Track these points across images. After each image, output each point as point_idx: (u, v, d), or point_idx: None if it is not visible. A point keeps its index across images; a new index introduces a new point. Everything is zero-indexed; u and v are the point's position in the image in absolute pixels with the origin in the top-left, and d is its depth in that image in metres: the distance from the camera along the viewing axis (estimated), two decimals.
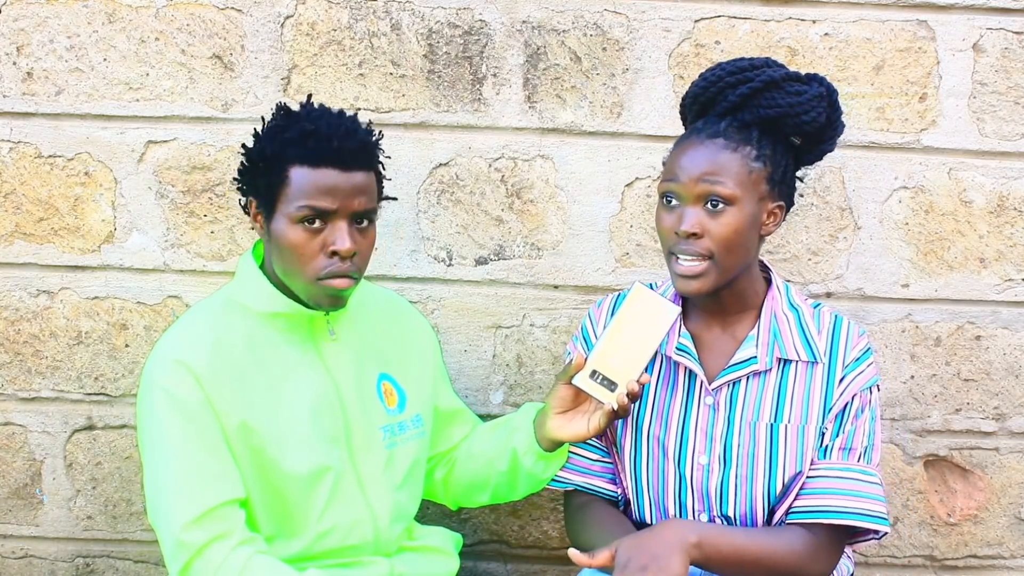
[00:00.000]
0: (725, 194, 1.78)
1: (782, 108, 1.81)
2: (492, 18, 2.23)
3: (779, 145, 1.83)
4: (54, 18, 2.24)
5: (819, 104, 1.83)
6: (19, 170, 2.28)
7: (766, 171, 1.81)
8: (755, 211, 1.81)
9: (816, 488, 1.83)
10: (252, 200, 1.80)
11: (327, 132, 1.74)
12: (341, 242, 1.73)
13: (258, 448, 1.76)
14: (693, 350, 1.89)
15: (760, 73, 1.82)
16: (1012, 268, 2.28)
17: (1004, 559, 2.37)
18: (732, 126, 1.82)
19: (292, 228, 1.73)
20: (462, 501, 2.08)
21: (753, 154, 1.80)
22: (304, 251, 1.74)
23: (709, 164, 1.79)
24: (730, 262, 1.81)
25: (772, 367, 1.86)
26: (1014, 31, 2.22)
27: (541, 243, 2.29)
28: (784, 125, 1.82)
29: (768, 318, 1.89)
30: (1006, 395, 2.32)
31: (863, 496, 1.82)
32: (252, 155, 1.79)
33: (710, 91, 1.85)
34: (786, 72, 1.84)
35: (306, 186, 1.72)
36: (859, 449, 1.84)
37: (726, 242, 1.79)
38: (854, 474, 1.83)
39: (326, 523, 1.82)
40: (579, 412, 1.87)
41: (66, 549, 2.41)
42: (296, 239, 1.73)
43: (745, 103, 1.82)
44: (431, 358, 2.03)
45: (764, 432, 1.85)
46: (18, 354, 2.34)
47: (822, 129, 1.86)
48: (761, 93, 1.81)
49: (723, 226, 1.78)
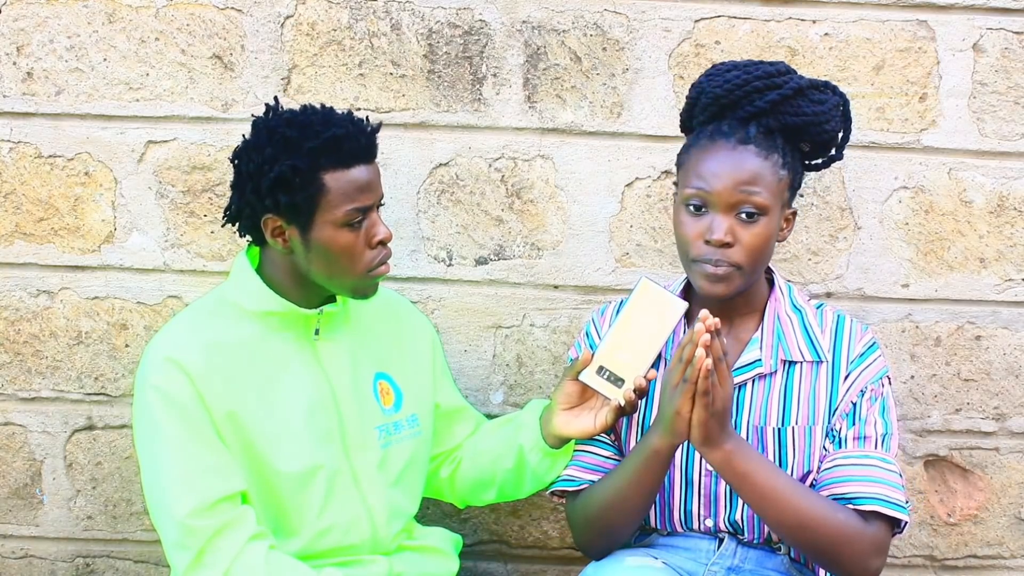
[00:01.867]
0: (760, 203, 1.74)
1: (808, 117, 1.78)
2: (492, 18, 2.23)
3: (796, 152, 1.82)
4: (54, 18, 2.24)
5: (837, 113, 1.83)
6: (19, 170, 2.28)
7: (789, 179, 1.80)
8: (779, 220, 1.80)
9: (829, 478, 1.79)
10: (270, 219, 1.76)
11: (353, 132, 1.75)
12: (384, 232, 1.80)
13: (249, 443, 1.76)
14: None
15: (788, 79, 1.79)
16: (1012, 268, 2.28)
17: (1004, 559, 2.37)
18: (760, 132, 1.78)
19: (340, 232, 1.75)
20: (468, 499, 2.08)
21: (780, 162, 1.78)
22: (355, 251, 1.76)
23: (745, 173, 1.74)
24: (755, 270, 1.79)
25: (777, 369, 1.85)
26: (1014, 31, 2.22)
27: (541, 243, 2.29)
28: (806, 133, 1.80)
29: (772, 320, 1.88)
30: (1006, 395, 2.32)
31: (879, 482, 1.76)
32: (283, 174, 1.72)
33: (735, 94, 1.79)
34: (810, 80, 1.82)
35: (347, 188, 1.74)
36: (874, 437, 1.80)
37: (756, 252, 1.76)
38: (871, 460, 1.78)
39: (324, 522, 1.82)
40: (585, 408, 1.86)
41: (66, 549, 2.41)
42: (346, 241, 1.75)
43: (774, 109, 1.78)
44: (430, 357, 2.03)
45: (772, 436, 1.84)
46: (18, 354, 2.34)
47: (835, 138, 1.86)
48: (789, 100, 1.78)
49: (755, 236, 1.75)
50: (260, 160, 1.74)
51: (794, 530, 1.74)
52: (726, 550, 1.88)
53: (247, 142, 1.80)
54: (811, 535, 1.74)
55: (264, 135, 1.77)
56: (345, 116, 1.79)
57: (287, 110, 1.80)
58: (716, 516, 1.87)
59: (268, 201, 1.74)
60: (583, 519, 1.89)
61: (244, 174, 1.78)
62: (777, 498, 1.72)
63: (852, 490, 1.76)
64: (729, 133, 1.78)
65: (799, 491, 1.74)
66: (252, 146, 1.78)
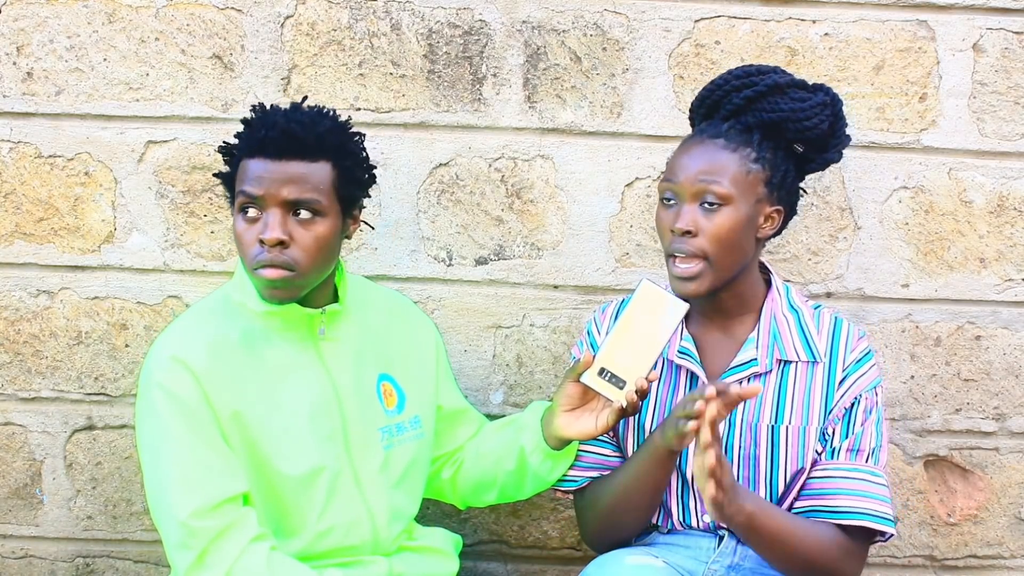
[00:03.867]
0: (720, 193, 1.78)
1: (784, 113, 1.81)
2: (492, 18, 2.23)
3: (780, 151, 1.84)
4: (54, 18, 2.24)
5: (822, 112, 1.84)
6: (19, 170, 2.28)
7: (764, 174, 1.82)
8: (751, 212, 1.81)
9: (821, 488, 1.83)
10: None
11: (260, 123, 1.77)
12: (270, 233, 1.73)
13: (252, 442, 1.76)
14: (695, 353, 1.89)
15: (765, 78, 1.84)
16: (1012, 268, 2.28)
17: (1004, 559, 2.37)
18: (734, 128, 1.83)
19: (236, 218, 1.78)
20: (470, 500, 2.08)
21: (752, 156, 1.81)
22: (243, 240, 1.76)
23: (706, 163, 1.80)
24: (724, 262, 1.81)
25: (772, 368, 1.87)
26: (1014, 31, 2.22)
27: (541, 243, 2.29)
28: (785, 130, 1.83)
29: (768, 320, 1.89)
30: (1006, 395, 2.32)
31: (869, 496, 1.81)
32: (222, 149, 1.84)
33: (716, 94, 1.87)
34: (791, 78, 1.85)
35: (244, 174, 1.76)
36: (867, 450, 1.85)
37: (719, 241, 1.79)
38: (861, 474, 1.83)
39: (325, 523, 1.82)
40: (587, 410, 1.86)
41: (66, 549, 2.41)
42: (238, 228, 1.77)
43: (749, 106, 1.83)
44: (433, 358, 2.03)
45: (765, 433, 1.85)
46: (18, 354, 2.34)
47: (824, 137, 1.86)
48: (764, 97, 1.83)
49: (717, 225, 1.78)
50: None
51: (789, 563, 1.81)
52: (726, 548, 1.89)
53: None
54: (805, 564, 1.80)
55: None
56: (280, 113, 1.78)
57: (279, 105, 1.84)
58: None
59: (228, 176, 1.84)
60: (592, 515, 1.93)
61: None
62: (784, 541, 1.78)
63: (843, 504, 1.81)
64: (705, 130, 1.85)
65: (797, 528, 1.80)
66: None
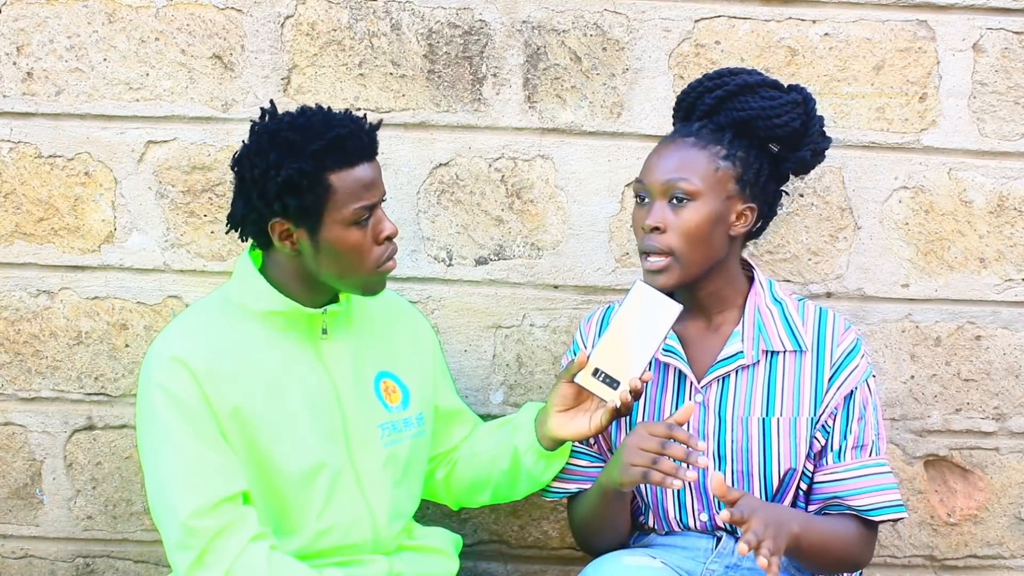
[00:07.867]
0: (687, 189, 1.81)
1: (754, 111, 1.85)
2: (492, 18, 2.23)
3: (754, 149, 1.87)
4: (54, 18, 2.24)
5: (793, 110, 1.87)
6: (19, 170, 2.28)
7: (735, 171, 1.84)
8: (720, 209, 1.83)
9: (837, 492, 1.86)
10: (278, 223, 1.76)
11: (354, 130, 1.77)
12: (389, 228, 1.81)
13: (253, 442, 1.77)
14: (680, 350, 1.90)
15: (736, 78, 1.88)
16: (1012, 268, 2.28)
17: (1004, 559, 2.37)
18: (706, 128, 1.86)
19: (348, 231, 1.76)
20: (463, 501, 2.08)
21: (722, 153, 1.84)
22: (363, 248, 1.78)
23: (676, 161, 1.83)
24: (692, 258, 1.82)
25: (759, 360, 1.88)
26: (1014, 31, 2.22)
27: (541, 243, 2.29)
28: (756, 128, 1.85)
29: (752, 313, 1.90)
30: (1006, 395, 2.32)
31: (883, 489, 1.86)
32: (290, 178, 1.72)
33: (690, 97, 1.91)
34: (762, 79, 1.89)
35: (353, 187, 1.75)
36: (869, 444, 1.88)
37: (688, 236, 1.81)
38: (870, 469, 1.87)
39: (325, 521, 1.82)
40: (581, 410, 1.87)
41: (66, 549, 2.41)
42: (355, 240, 1.77)
43: (720, 106, 1.87)
44: (431, 358, 2.03)
45: (756, 426, 1.86)
46: (18, 354, 2.34)
47: (796, 135, 1.88)
48: (735, 96, 1.86)
49: (683, 220, 1.81)
50: (265, 165, 1.74)
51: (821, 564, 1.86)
52: (724, 548, 1.90)
53: (248, 147, 1.79)
54: (836, 562, 1.86)
55: (266, 140, 1.76)
56: (344, 115, 1.79)
57: (286, 113, 1.80)
58: (710, 509, 1.89)
59: (276, 206, 1.75)
60: (574, 526, 2.00)
61: (248, 180, 1.77)
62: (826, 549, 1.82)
63: (863, 503, 1.86)
64: (678, 131, 1.90)
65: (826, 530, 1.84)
66: (254, 151, 1.77)
